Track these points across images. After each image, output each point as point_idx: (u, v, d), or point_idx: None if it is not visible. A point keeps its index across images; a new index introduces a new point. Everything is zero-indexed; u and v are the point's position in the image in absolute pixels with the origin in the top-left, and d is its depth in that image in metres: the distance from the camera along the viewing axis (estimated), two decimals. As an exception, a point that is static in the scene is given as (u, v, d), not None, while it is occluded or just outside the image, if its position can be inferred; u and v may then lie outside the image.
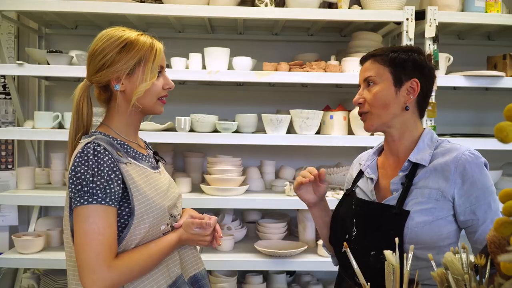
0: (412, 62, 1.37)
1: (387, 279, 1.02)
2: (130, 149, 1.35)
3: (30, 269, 2.75)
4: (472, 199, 1.29)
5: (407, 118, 1.39)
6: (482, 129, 2.98)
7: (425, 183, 1.33)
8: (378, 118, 1.39)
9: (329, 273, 2.92)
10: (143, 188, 1.28)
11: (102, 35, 1.33)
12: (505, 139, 0.65)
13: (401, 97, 1.37)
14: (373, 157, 1.52)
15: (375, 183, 1.45)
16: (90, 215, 1.19)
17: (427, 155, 1.36)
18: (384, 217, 1.34)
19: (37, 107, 2.98)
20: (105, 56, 1.30)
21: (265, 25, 2.91)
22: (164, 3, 2.54)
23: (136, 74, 1.31)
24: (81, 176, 1.20)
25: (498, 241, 0.81)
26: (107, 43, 1.31)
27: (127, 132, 1.38)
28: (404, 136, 1.41)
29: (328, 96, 3.04)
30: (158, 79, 1.35)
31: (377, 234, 1.32)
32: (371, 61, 1.41)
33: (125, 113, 1.35)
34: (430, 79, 1.41)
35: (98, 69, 1.31)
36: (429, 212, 1.29)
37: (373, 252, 1.30)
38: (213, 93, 3.05)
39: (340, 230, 1.46)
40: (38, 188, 2.67)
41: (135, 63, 1.30)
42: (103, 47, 1.31)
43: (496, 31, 2.95)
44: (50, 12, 2.57)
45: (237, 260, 2.49)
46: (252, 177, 2.77)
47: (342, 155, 3.05)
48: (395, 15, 2.53)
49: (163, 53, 1.39)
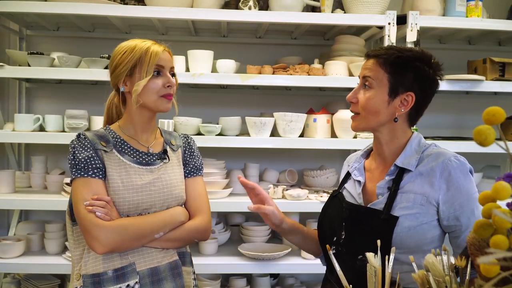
0: (414, 73, 1.34)
1: (369, 281, 1.03)
2: (123, 144, 1.50)
3: (10, 273, 2.70)
4: (456, 205, 1.29)
5: (395, 127, 1.39)
6: (463, 132, 3.02)
7: (410, 187, 1.33)
8: (365, 122, 1.39)
9: (312, 275, 2.93)
10: (112, 174, 1.43)
11: (119, 46, 1.53)
12: (484, 142, 0.66)
13: (392, 108, 1.36)
14: (361, 159, 1.52)
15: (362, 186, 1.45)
16: (75, 187, 1.41)
17: (413, 160, 1.36)
18: (372, 222, 1.33)
19: (18, 110, 2.93)
20: (112, 63, 1.51)
21: (248, 28, 2.92)
22: (147, 5, 2.53)
23: (135, 75, 1.47)
24: (69, 157, 1.44)
25: (478, 243, 0.82)
26: (118, 51, 1.51)
27: (129, 129, 1.53)
28: (392, 141, 1.41)
29: (311, 99, 3.05)
30: (158, 78, 1.48)
31: (365, 238, 1.32)
32: (373, 61, 1.38)
33: (131, 111, 1.51)
34: (429, 92, 1.38)
35: (111, 73, 1.52)
36: (413, 217, 1.29)
37: (360, 256, 1.30)
38: (196, 95, 3.04)
39: (329, 231, 1.46)
40: (18, 191, 2.62)
41: (132, 65, 1.46)
42: (112, 55, 1.52)
43: (476, 36, 3.00)
44: (31, 13, 2.53)
45: (221, 263, 2.48)
46: (236, 180, 2.76)
47: (326, 158, 3.07)
48: (377, 20, 2.56)
49: (164, 55, 1.51)
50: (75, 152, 1.43)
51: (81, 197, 1.38)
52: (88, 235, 1.36)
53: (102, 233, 1.35)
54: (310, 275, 2.92)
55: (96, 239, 1.35)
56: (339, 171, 2.99)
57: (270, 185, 2.65)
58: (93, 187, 1.40)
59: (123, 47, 1.51)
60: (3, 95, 2.96)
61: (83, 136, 1.47)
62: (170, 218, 1.47)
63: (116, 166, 1.45)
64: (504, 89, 2.62)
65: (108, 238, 1.35)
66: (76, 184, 1.42)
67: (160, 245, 1.46)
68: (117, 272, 1.39)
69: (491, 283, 0.65)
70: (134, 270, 1.40)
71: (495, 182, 1.33)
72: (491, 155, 2.94)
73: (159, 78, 1.49)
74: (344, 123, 2.56)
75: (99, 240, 1.35)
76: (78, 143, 1.45)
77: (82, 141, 1.45)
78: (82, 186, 1.40)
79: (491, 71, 2.62)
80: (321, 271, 2.67)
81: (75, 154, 1.43)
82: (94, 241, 1.35)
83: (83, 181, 1.41)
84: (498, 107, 0.67)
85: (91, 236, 1.35)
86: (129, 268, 1.40)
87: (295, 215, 2.67)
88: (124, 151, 1.49)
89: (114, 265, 1.40)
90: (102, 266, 1.39)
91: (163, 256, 1.47)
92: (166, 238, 1.46)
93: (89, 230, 1.35)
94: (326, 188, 2.77)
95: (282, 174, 2.87)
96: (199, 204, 1.56)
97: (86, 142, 1.45)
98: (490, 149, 0.68)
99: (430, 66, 1.36)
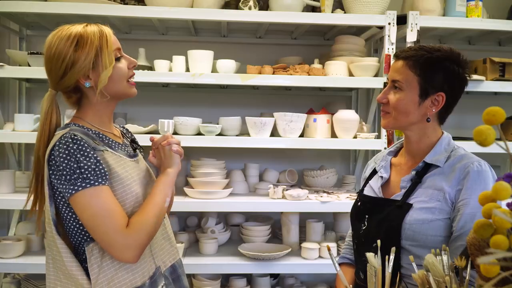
0: (444, 74, 1.35)
1: (369, 281, 1.03)
2: (105, 138, 1.36)
3: (10, 273, 2.70)
4: (460, 204, 1.30)
5: (426, 126, 1.41)
6: (463, 132, 3.01)
7: (431, 183, 1.36)
8: (396, 121, 1.41)
9: (312, 275, 2.93)
10: (120, 174, 1.30)
11: (49, 40, 1.31)
12: (484, 142, 0.66)
13: (423, 108, 1.38)
14: (387, 158, 1.55)
15: (385, 181, 1.49)
16: (89, 199, 1.21)
17: (442, 157, 1.38)
18: (388, 210, 1.38)
19: (18, 110, 2.93)
20: (64, 58, 1.28)
21: (249, 28, 2.92)
22: (147, 5, 2.53)
23: (98, 65, 1.29)
24: (66, 167, 1.22)
25: (478, 243, 0.82)
26: (60, 45, 1.28)
27: (100, 122, 1.38)
28: (422, 140, 1.43)
29: (311, 99, 3.05)
30: (120, 61, 1.35)
31: (380, 227, 1.37)
32: (402, 63, 1.39)
33: (98, 104, 1.35)
34: (458, 91, 1.39)
35: (63, 73, 1.29)
36: (429, 211, 1.32)
37: (375, 244, 1.32)
38: (196, 95, 3.04)
39: (356, 225, 1.51)
40: (18, 191, 2.62)
41: (94, 55, 1.28)
42: (58, 51, 1.28)
43: (476, 36, 3.00)
44: (31, 13, 2.53)
45: (221, 264, 2.48)
46: (236, 180, 2.77)
47: (326, 158, 3.07)
48: (377, 20, 2.56)
49: (114, 35, 1.36)
50: (77, 157, 1.22)
51: (100, 210, 1.21)
52: (116, 251, 1.22)
53: (131, 238, 1.23)
54: (310, 275, 2.92)
55: (125, 251, 1.22)
56: (339, 171, 3.00)
57: (270, 185, 2.64)
58: (108, 195, 1.24)
59: (67, 37, 1.28)
60: (3, 95, 2.96)
61: (78, 137, 1.25)
62: (160, 183, 1.37)
63: (118, 164, 1.33)
64: (504, 89, 2.62)
65: (139, 238, 1.24)
66: (86, 196, 1.22)
67: (168, 210, 1.44)
68: (151, 280, 1.33)
69: (491, 283, 0.65)
70: (161, 273, 1.37)
71: (495, 182, 1.32)
72: (491, 155, 2.93)
73: (122, 60, 1.35)
74: (344, 123, 2.56)
75: (132, 246, 1.23)
76: (78, 146, 1.23)
77: (81, 143, 1.24)
78: (97, 197, 1.22)
79: (491, 71, 2.62)
80: (321, 271, 2.67)
81: (78, 159, 1.22)
82: (123, 253, 1.22)
83: (98, 191, 1.22)
84: (498, 107, 0.67)
85: (119, 251, 1.22)
86: (157, 273, 1.36)
87: (295, 215, 2.66)
88: (114, 147, 1.37)
89: (149, 273, 1.33)
90: (140, 278, 1.30)
91: (175, 253, 1.47)
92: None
93: (115, 245, 1.22)
94: (326, 188, 2.77)
95: (282, 174, 2.87)
96: None
97: (86, 144, 1.25)
98: (490, 149, 0.68)
99: (459, 64, 1.37)
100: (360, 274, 1.46)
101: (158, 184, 1.36)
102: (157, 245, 1.41)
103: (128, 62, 1.37)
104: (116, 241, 1.22)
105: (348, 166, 3.17)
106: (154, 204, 1.31)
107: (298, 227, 2.71)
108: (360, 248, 1.45)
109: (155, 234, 1.33)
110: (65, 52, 1.27)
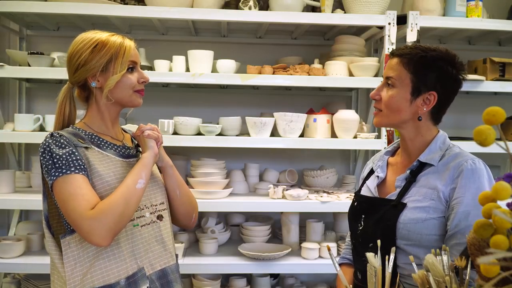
0: (437, 73, 1.36)
1: (369, 281, 1.03)
2: (99, 139, 1.44)
3: (10, 273, 2.70)
4: (454, 203, 1.30)
5: (419, 125, 1.42)
6: (463, 132, 3.02)
7: (425, 182, 1.36)
8: (387, 119, 1.43)
9: (312, 275, 2.92)
10: (99, 171, 1.36)
11: (76, 39, 1.44)
12: (484, 142, 0.66)
13: (415, 106, 1.39)
14: (384, 157, 1.56)
15: (381, 181, 1.50)
16: (60, 186, 1.30)
17: (437, 156, 1.39)
18: (384, 210, 1.38)
19: (18, 109, 2.93)
20: (80, 57, 1.41)
21: (249, 28, 2.92)
22: (147, 5, 2.53)
23: (109, 70, 1.41)
24: (43, 160, 1.34)
25: (478, 243, 0.82)
26: (81, 45, 1.42)
27: (100, 125, 1.47)
28: (416, 138, 1.44)
29: (311, 99, 3.05)
30: (132, 73, 1.45)
31: (376, 227, 1.37)
32: (397, 60, 1.40)
33: (101, 107, 1.46)
34: (451, 92, 1.40)
35: (75, 69, 1.42)
36: (423, 210, 1.32)
37: (371, 244, 1.33)
38: (196, 95, 3.04)
39: (353, 226, 1.52)
40: (18, 191, 2.62)
41: (107, 61, 1.40)
42: (77, 49, 1.42)
43: (476, 36, 3.00)
44: (31, 13, 2.53)
45: (221, 263, 2.48)
46: (236, 180, 2.77)
47: (326, 158, 3.07)
48: (377, 20, 2.56)
49: (135, 50, 1.47)
50: (51, 150, 1.32)
51: (68, 196, 1.28)
52: (83, 232, 1.26)
53: (97, 220, 1.25)
54: (310, 275, 2.92)
55: (91, 232, 1.25)
56: (339, 171, 3.00)
57: (270, 185, 2.65)
58: (78, 182, 1.29)
59: (90, 40, 1.41)
60: (3, 95, 2.96)
61: (57, 134, 1.36)
62: (134, 167, 1.39)
63: (101, 161, 1.38)
64: (504, 89, 2.62)
65: (105, 220, 1.25)
66: (59, 184, 1.30)
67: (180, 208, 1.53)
68: (129, 280, 1.34)
69: (491, 283, 0.65)
70: (144, 275, 1.37)
71: (491, 180, 1.32)
72: (491, 155, 2.93)
73: (133, 73, 1.45)
74: (344, 123, 2.56)
75: (98, 228, 1.25)
76: (53, 141, 1.34)
77: (57, 139, 1.34)
78: (68, 183, 1.29)
79: (491, 71, 2.62)
80: (321, 271, 2.67)
81: (52, 152, 1.32)
82: (89, 234, 1.25)
83: (69, 179, 1.29)
84: (498, 107, 0.67)
85: (86, 232, 1.25)
86: (139, 274, 1.36)
87: (295, 215, 2.66)
88: (103, 146, 1.43)
89: (126, 272, 1.34)
90: (114, 275, 1.32)
91: (168, 258, 1.46)
92: None
93: (82, 227, 1.25)
94: (326, 188, 2.77)
95: (282, 174, 2.87)
96: None
97: (62, 139, 1.35)
98: (490, 149, 0.68)
99: (454, 65, 1.37)
100: (358, 274, 1.47)
101: (132, 168, 1.40)
102: (142, 246, 1.40)
103: (139, 76, 1.47)
104: (83, 224, 1.26)
105: (348, 166, 3.17)
106: (123, 186, 1.34)
107: (298, 227, 2.71)
108: (357, 248, 1.46)
109: (128, 217, 1.32)
110: (81, 52, 1.41)
